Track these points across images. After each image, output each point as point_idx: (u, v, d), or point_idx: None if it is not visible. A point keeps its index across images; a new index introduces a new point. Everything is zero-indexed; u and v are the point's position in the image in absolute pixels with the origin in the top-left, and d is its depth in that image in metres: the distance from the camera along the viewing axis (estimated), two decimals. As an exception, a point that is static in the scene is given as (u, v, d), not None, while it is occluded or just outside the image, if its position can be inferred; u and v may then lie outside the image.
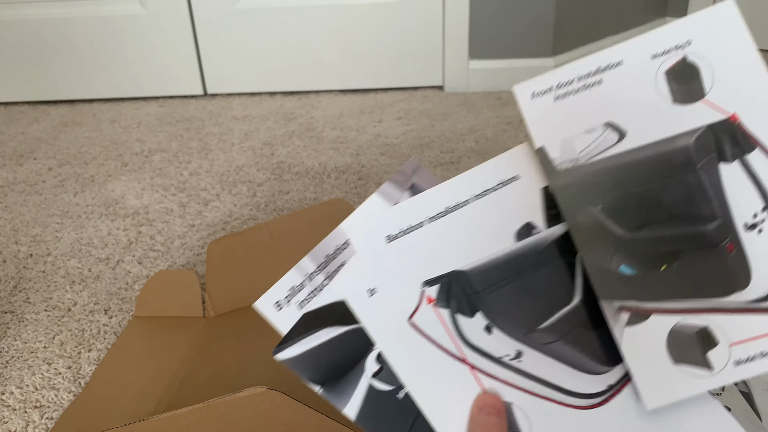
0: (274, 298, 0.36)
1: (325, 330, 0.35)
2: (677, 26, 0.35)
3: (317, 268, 0.36)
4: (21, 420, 0.65)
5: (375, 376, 0.35)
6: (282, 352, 0.35)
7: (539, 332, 0.36)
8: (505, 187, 0.37)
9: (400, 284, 0.36)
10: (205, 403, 0.47)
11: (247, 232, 0.77)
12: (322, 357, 0.35)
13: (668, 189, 0.34)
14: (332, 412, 0.49)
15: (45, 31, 1.57)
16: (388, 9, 1.52)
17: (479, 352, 0.35)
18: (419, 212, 0.36)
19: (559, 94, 0.35)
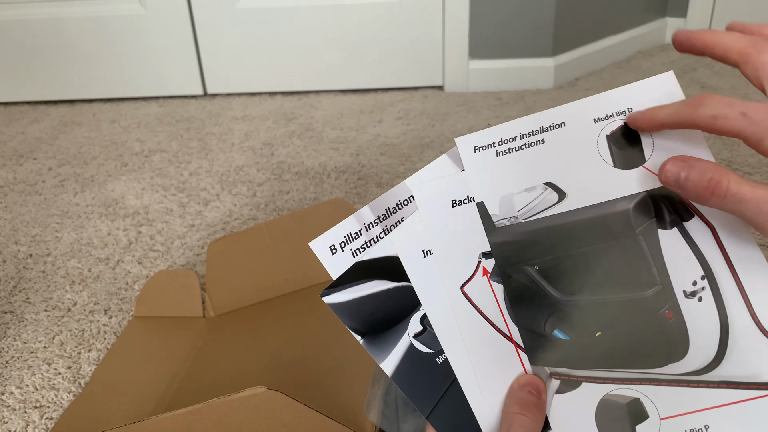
0: (330, 242, 0.35)
1: (374, 282, 0.35)
2: (619, 93, 0.35)
3: (375, 219, 0.36)
4: (21, 420, 0.65)
5: (416, 337, 0.35)
6: (330, 296, 0.35)
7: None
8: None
9: (457, 251, 0.35)
10: (205, 403, 0.47)
11: (247, 232, 0.77)
12: (367, 308, 0.35)
13: (606, 253, 0.33)
14: (333, 412, 0.49)
15: (45, 31, 1.57)
16: (388, 9, 1.52)
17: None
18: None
19: (500, 150, 0.35)
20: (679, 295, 0.33)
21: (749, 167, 1.08)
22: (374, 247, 0.35)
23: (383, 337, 0.35)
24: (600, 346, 0.33)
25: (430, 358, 0.35)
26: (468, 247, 0.35)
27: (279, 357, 0.64)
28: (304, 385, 0.58)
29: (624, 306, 0.33)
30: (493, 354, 0.34)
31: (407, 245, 0.35)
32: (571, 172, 0.34)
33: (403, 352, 0.35)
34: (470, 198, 0.35)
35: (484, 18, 1.51)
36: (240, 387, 0.47)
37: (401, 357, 0.35)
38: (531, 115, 0.35)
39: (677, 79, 0.35)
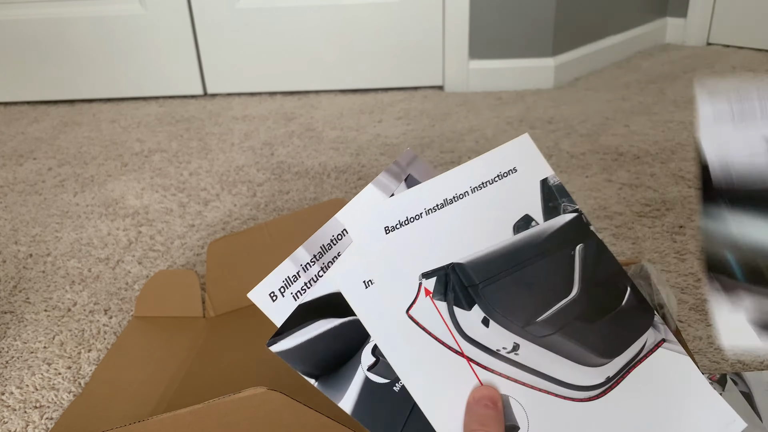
0: (269, 289, 0.35)
1: (319, 322, 0.35)
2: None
3: (312, 258, 0.36)
4: (21, 420, 0.65)
5: (370, 369, 0.35)
6: (276, 344, 0.34)
7: (537, 325, 0.36)
8: (503, 180, 0.37)
9: (397, 276, 0.35)
10: (205, 404, 0.47)
11: (247, 232, 0.77)
12: (316, 349, 0.35)
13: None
14: (333, 412, 0.49)
15: (45, 31, 1.57)
16: (388, 9, 1.52)
17: (477, 345, 0.35)
18: (417, 204, 0.36)
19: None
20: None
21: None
22: (314, 287, 0.35)
23: (337, 375, 0.35)
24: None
25: (387, 388, 0.35)
26: (408, 271, 0.36)
27: (279, 357, 0.64)
28: (304, 385, 0.57)
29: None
30: (447, 372, 0.35)
31: (347, 279, 0.35)
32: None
33: (360, 387, 0.35)
34: (401, 222, 0.36)
35: (484, 18, 1.51)
36: (240, 387, 0.47)
37: (358, 392, 0.35)
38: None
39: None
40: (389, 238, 0.36)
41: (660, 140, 1.21)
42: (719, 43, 1.78)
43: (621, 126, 1.29)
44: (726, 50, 1.74)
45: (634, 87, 1.50)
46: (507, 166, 0.37)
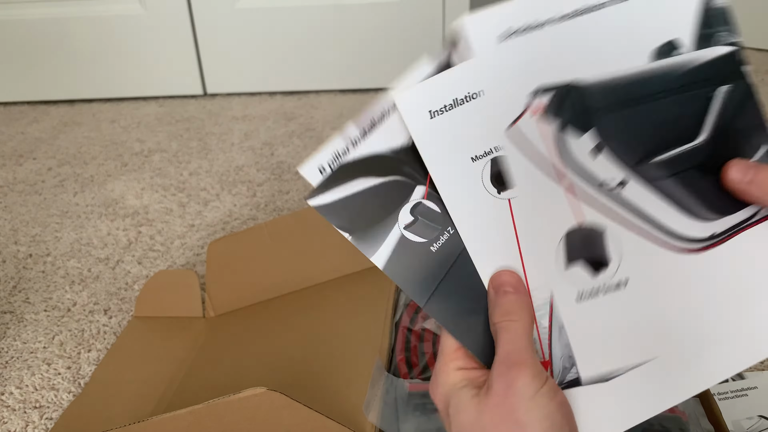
0: (318, 163, 0.34)
1: (360, 180, 0.34)
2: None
3: (362, 131, 0.34)
4: (21, 420, 0.65)
5: (408, 228, 0.34)
6: (314, 199, 0.33)
7: (652, 165, 0.33)
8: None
9: (506, 89, 0.33)
10: (205, 404, 0.47)
11: (247, 232, 0.77)
12: (354, 205, 0.34)
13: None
14: (332, 412, 0.49)
15: (45, 31, 1.57)
16: (388, 9, 1.52)
17: (581, 174, 0.33)
18: (544, 9, 0.32)
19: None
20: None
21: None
22: (357, 147, 0.34)
23: (372, 231, 0.34)
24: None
25: (424, 247, 0.34)
26: (518, 85, 0.33)
27: (279, 357, 0.64)
28: (304, 385, 0.58)
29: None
30: (542, 201, 0.33)
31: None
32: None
33: (395, 244, 0.34)
34: (522, 28, 0.32)
35: (484, 18, 1.51)
36: (240, 387, 0.47)
37: (393, 249, 0.34)
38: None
39: None
40: (504, 47, 0.33)
41: (660, 140, 1.21)
42: (719, 43, 1.78)
43: (621, 126, 1.29)
44: (726, 50, 1.74)
45: (634, 87, 1.50)
46: None
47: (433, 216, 0.34)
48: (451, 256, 0.34)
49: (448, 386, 0.32)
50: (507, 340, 0.30)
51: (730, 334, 0.34)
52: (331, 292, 0.72)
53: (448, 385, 0.32)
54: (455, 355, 0.33)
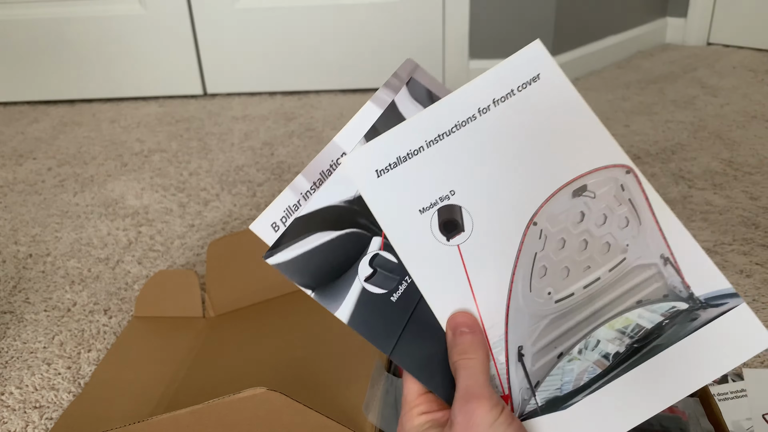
0: (270, 219, 0.35)
1: (316, 234, 0.34)
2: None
3: (312, 185, 0.35)
4: (21, 420, 0.65)
5: (368, 280, 0.35)
6: (273, 257, 0.34)
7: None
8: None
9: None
10: (205, 404, 0.47)
11: (247, 232, 0.77)
12: (313, 261, 0.34)
13: None
14: (332, 412, 0.49)
15: (45, 31, 1.57)
16: (388, 9, 1.52)
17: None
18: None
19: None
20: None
21: (750, 167, 1.08)
22: (310, 201, 0.34)
23: (334, 286, 0.35)
24: None
25: (384, 298, 0.35)
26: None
27: (279, 357, 0.64)
28: (304, 385, 0.58)
29: None
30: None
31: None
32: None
33: (357, 298, 0.35)
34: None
35: (484, 18, 1.51)
36: (240, 387, 0.47)
37: (355, 302, 0.35)
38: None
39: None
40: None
41: (660, 140, 1.21)
42: (719, 43, 1.78)
43: (621, 126, 1.29)
44: (726, 50, 1.74)
45: (634, 87, 1.50)
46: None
47: (391, 266, 0.35)
48: (411, 304, 0.35)
49: (413, 430, 0.34)
50: (465, 377, 0.33)
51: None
52: (331, 292, 0.72)
53: (414, 428, 0.34)
54: (418, 401, 0.35)
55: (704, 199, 0.99)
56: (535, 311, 0.35)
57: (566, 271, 0.35)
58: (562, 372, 0.35)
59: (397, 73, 0.37)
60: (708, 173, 1.07)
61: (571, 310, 0.35)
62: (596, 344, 0.35)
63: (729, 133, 1.22)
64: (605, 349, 0.35)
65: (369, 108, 0.36)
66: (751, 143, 1.17)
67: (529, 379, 0.35)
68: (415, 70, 0.37)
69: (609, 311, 0.35)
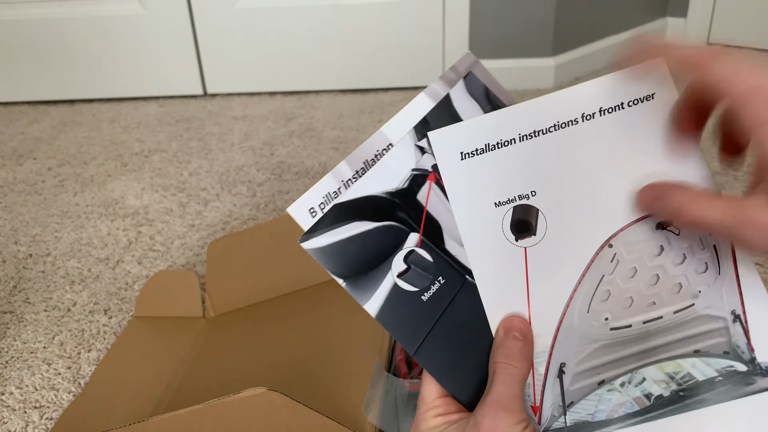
0: (309, 204, 0.34)
1: (354, 224, 0.33)
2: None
3: (354, 174, 0.34)
4: (21, 420, 0.65)
5: (400, 276, 0.34)
6: (309, 242, 0.33)
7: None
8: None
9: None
10: (205, 404, 0.47)
11: (247, 232, 0.77)
12: (348, 250, 0.33)
13: None
14: (332, 412, 0.49)
15: (45, 31, 1.57)
16: (388, 9, 1.52)
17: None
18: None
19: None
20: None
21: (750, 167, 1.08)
22: (351, 188, 0.33)
23: (366, 278, 0.34)
24: None
25: (415, 297, 0.34)
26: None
27: (279, 357, 0.64)
28: (304, 385, 0.58)
29: None
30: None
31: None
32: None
33: (388, 292, 0.34)
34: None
35: (484, 18, 1.51)
36: (240, 387, 0.47)
37: (385, 297, 0.34)
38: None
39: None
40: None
41: (660, 140, 1.21)
42: (719, 43, 1.78)
43: (621, 126, 1.29)
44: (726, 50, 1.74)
45: (634, 87, 1.50)
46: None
47: (425, 265, 0.34)
48: (441, 306, 0.34)
49: (430, 431, 0.34)
50: (503, 382, 0.32)
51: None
52: (331, 292, 0.72)
53: (430, 429, 0.34)
54: (436, 402, 0.35)
55: (704, 199, 0.99)
56: (587, 333, 0.34)
57: (630, 301, 0.34)
58: (598, 399, 0.35)
59: (455, 66, 0.36)
60: (708, 173, 1.07)
61: (623, 342, 0.34)
62: (641, 381, 0.34)
63: (729, 133, 1.22)
64: (649, 388, 0.34)
65: (421, 99, 0.35)
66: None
67: (563, 397, 0.35)
68: (474, 66, 0.37)
69: (663, 353, 0.34)
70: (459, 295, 0.35)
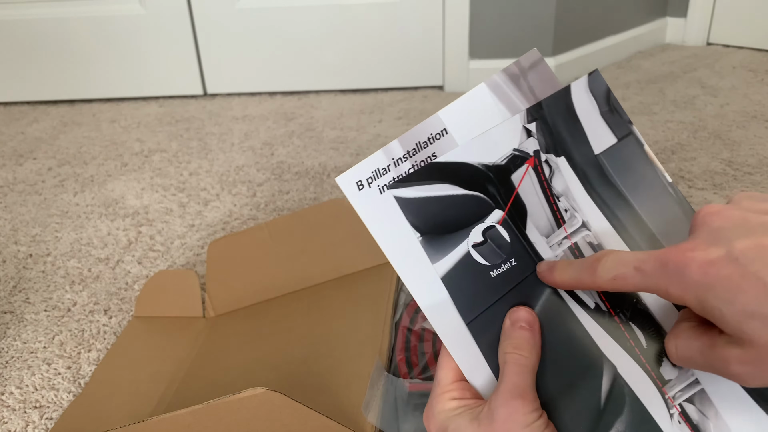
0: (357, 177, 0.35)
1: (445, 185, 0.34)
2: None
3: (405, 153, 0.35)
4: (21, 420, 0.65)
5: (475, 247, 0.35)
6: (398, 189, 0.34)
7: None
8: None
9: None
10: (205, 404, 0.47)
11: (247, 232, 0.77)
12: (433, 208, 0.34)
13: None
14: (332, 412, 0.49)
15: (45, 31, 1.57)
16: (388, 9, 1.52)
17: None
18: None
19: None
20: None
21: (749, 167, 1.08)
22: (454, 151, 0.34)
23: (442, 239, 0.35)
24: None
25: (484, 270, 0.35)
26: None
27: (279, 357, 0.64)
28: (304, 385, 0.58)
29: None
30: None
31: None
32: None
33: (459, 258, 0.35)
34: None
35: (484, 18, 1.51)
36: (240, 387, 0.47)
37: (456, 262, 0.35)
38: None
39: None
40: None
41: (660, 140, 1.21)
42: (719, 43, 1.78)
43: (621, 126, 1.29)
44: (726, 50, 1.74)
45: (634, 87, 1.50)
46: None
47: (501, 243, 0.35)
48: (507, 286, 0.35)
49: (444, 413, 0.34)
50: (515, 372, 0.33)
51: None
52: (331, 292, 0.72)
53: (445, 412, 0.34)
54: (452, 386, 0.35)
55: (704, 199, 0.99)
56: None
57: None
58: None
59: (519, 61, 0.37)
60: (708, 173, 1.07)
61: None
62: None
63: (729, 133, 1.22)
64: None
65: (481, 90, 0.36)
66: (751, 143, 1.17)
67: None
68: (539, 63, 0.37)
69: None
70: (526, 281, 0.35)
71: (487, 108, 0.36)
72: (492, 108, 0.36)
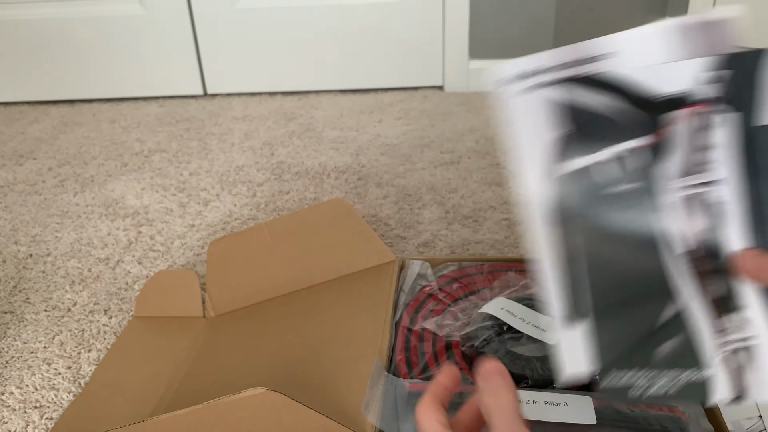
0: (519, 69, 0.37)
1: (604, 98, 0.35)
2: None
3: (560, 65, 0.36)
4: (21, 420, 0.65)
5: (602, 163, 0.35)
6: (547, 88, 0.35)
7: None
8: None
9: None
10: (205, 404, 0.47)
11: (247, 232, 0.77)
12: (582, 115, 0.35)
13: None
14: (332, 412, 0.49)
15: (45, 31, 1.57)
16: (388, 9, 1.52)
17: None
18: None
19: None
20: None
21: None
22: (621, 69, 0.34)
23: (578, 143, 0.35)
24: None
25: (597, 189, 0.35)
26: None
27: (279, 357, 0.64)
28: (304, 385, 0.58)
29: None
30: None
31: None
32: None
33: (585, 165, 0.36)
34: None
35: (484, 18, 1.51)
36: (240, 387, 0.47)
37: (580, 168, 0.35)
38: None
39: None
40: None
41: (660, 140, 1.21)
42: (719, 43, 1.78)
43: (621, 126, 1.29)
44: (726, 50, 1.74)
45: (634, 87, 1.50)
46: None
47: (630, 168, 0.35)
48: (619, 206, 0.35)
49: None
50: (502, 420, 0.34)
51: None
52: (331, 292, 0.72)
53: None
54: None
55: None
56: None
57: None
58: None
59: (708, 16, 0.37)
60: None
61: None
62: None
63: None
64: None
65: (664, 27, 0.36)
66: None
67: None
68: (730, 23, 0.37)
69: None
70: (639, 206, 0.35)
71: (665, 44, 0.35)
72: (672, 46, 0.35)
